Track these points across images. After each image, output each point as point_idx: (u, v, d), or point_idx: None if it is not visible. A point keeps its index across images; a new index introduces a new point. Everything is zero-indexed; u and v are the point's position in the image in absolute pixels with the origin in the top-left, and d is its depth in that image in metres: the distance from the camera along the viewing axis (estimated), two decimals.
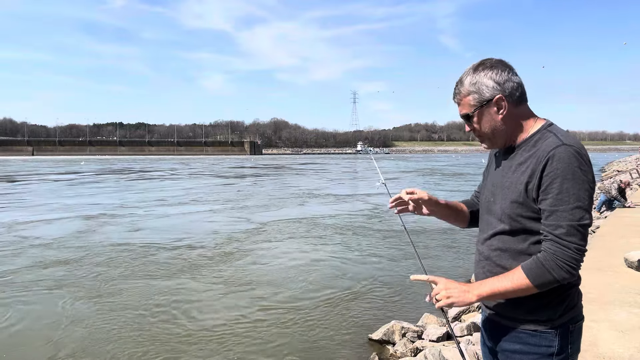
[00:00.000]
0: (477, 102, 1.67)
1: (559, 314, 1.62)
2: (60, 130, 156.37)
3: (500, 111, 1.65)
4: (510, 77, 1.64)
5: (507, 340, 1.71)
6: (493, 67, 1.65)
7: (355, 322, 6.07)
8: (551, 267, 1.51)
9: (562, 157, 1.51)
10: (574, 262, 1.51)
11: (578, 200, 1.49)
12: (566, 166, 1.50)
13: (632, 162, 41.14)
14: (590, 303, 4.85)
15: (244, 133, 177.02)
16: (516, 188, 1.62)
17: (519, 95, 1.66)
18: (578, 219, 1.50)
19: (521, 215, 1.62)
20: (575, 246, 1.50)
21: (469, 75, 1.68)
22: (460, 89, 1.71)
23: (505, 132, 1.68)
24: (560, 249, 1.51)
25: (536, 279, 1.53)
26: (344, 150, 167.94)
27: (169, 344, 5.42)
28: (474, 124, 1.71)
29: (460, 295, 1.62)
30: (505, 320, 1.71)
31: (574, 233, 1.50)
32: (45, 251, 10.06)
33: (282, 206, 18.15)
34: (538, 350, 1.63)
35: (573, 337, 1.65)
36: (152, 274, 8.29)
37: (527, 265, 1.55)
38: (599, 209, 13.16)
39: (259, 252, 10.10)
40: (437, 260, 9.36)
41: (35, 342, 5.54)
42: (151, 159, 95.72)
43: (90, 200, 19.75)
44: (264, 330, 5.83)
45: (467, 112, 1.70)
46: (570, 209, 1.50)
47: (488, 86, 1.64)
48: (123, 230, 12.69)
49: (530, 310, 1.64)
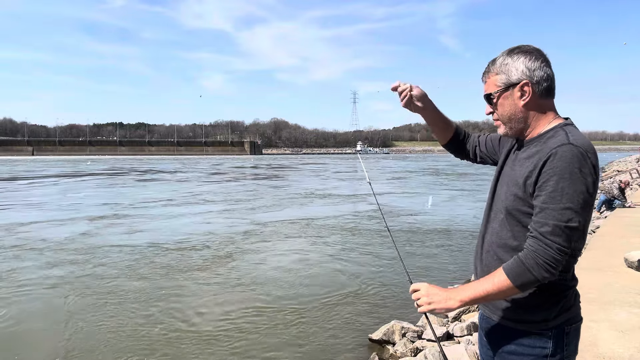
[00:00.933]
0: (503, 83, 1.64)
1: (554, 315, 1.61)
2: (60, 130, 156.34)
3: (523, 97, 1.62)
4: (541, 67, 1.61)
5: (502, 341, 1.70)
6: (527, 53, 1.62)
7: (355, 322, 6.07)
8: (531, 266, 1.48)
9: (564, 155, 1.48)
10: (554, 261, 1.47)
11: (570, 201, 1.46)
12: (566, 165, 1.47)
13: (632, 162, 41.14)
14: (590, 303, 4.86)
15: (244, 133, 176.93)
16: (517, 182, 1.61)
17: (546, 87, 1.62)
18: (566, 220, 1.46)
19: (519, 210, 1.60)
20: (557, 246, 1.46)
21: (503, 56, 1.65)
22: (490, 68, 1.68)
23: (523, 121, 1.66)
24: (541, 247, 1.48)
25: (517, 279, 1.50)
26: (344, 150, 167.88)
27: (169, 344, 5.42)
28: (495, 105, 1.69)
29: (441, 302, 1.60)
30: (501, 320, 1.70)
31: (559, 233, 1.46)
32: (55, 250, 10.06)
33: (283, 206, 18.14)
34: (532, 352, 1.62)
35: (569, 338, 1.63)
36: (154, 274, 8.29)
37: (508, 265, 1.53)
38: (599, 209, 13.16)
39: (259, 252, 10.10)
40: (434, 258, 9.36)
41: (35, 342, 5.55)
42: (155, 159, 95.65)
43: (108, 200, 19.75)
44: (264, 330, 5.83)
45: (491, 92, 1.68)
46: (560, 208, 1.46)
47: (517, 69, 1.61)
48: (131, 230, 12.69)
49: (525, 311, 1.63)
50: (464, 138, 2.08)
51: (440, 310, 1.61)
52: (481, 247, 1.79)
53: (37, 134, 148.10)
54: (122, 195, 22.18)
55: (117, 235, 11.96)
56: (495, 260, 1.69)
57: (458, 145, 2.09)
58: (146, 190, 25.14)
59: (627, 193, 16.96)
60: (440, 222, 14.06)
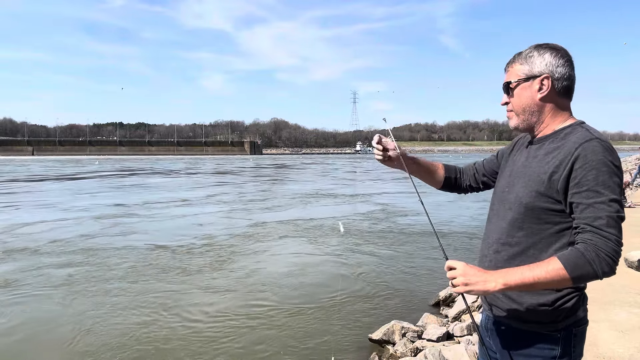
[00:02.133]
0: (525, 74, 1.65)
1: (562, 316, 1.59)
2: (60, 130, 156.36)
3: (541, 90, 1.63)
4: (565, 65, 1.63)
5: (510, 342, 1.68)
6: (554, 50, 1.65)
7: (355, 322, 6.07)
8: (592, 259, 1.43)
9: (596, 150, 1.49)
10: (615, 254, 1.45)
11: (614, 193, 1.47)
12: (600, 159, 1.48)
13: (632, 162, 41.14)
14: (590, 303, 4.82)
15: (244, 133, 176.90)
16: (539, 178, 1.58)
17: (566, 86, 1.64)
18: (616, 211, 1.47)
19: (540, 207, 1.58)
20: (615, 237, 1.45)
21: (530, 48, 1.68)
22: (516, 58, 1.70)
23: (537, 114, 1.66)
24: (602, 240, 1.45)
25: (574, 270, 1.43)
26: (344, 150, 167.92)
27: (168, 344, 5.42)
28: (512, 95, 1.69)
29: (479, 283, 1.50)
30: (508, 321, 1.68)
31: (614, 225, 1.46)
32: (58, 251, 10.07)
33: (286, 206, 18.15)
34: (540, 354, 1.61)
35: (576, 341, 1.62)
36: (156, 273, 8.29)
37: (565, 255, 1.46)
38: None
39: (259, 252, 10.10)
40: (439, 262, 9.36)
41: (37, 343, 5.55)
42: (160, 159, 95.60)
43: (125, 200, 19.77)
44: (264, 330, 5.83)
45: (511, 80, 1.68)
46: (608, 200, 1.46)
47: (541, 63, 1.63)
48: (138, 230, 12.70)
49: (534, 312, 1.61)
50: (457, 175, 2.08)
51: (477, 292, 1.51)
52: (488, 247, 1.76)
53: (37, 134, 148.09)
54: (157, 194, 22.20)
55: (131, 235, 11.96)
56: (506, 261, 1.66)
57: (453, 185, 2.09)
58: (173, 190, 25.15)
59: (627, 193, 16.98)
60: (463, 225, 14.06)
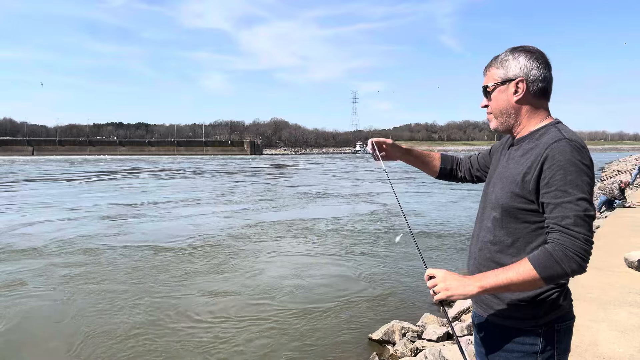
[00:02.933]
0: (500, 77, 1.69)
1: (543, 312, 1.61)
2: (60, 130, 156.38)
3: (517, 93, 1.67)
4: (539, 67, 1.65)
5: (493, 338, 1.71)
6: (529, 52, 1.67)
7: (355, 322, 6.07)
8: (560, 258, 1.46)
9: (564, 149, 1.51)
10: (584, 252, 1.47)
11: (582, 191, 1.48)
12: (568, 158, 1.50)
13: (632, 162, 41.13)
14: (590, 303, 4.86)
15: (244, 133, 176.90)
16: (514, 179, 1.62)
17: (541, 88, 1.66)
18: (583, 209, 1.48)
19: (516, 207, 1.62)
20: (583, 236, 1.47)
21: (506, 52, 1.71)
22: (492, 62, 1.74)
23: (514, 117, 1.70)
24: (569, 239, 1.47)
25: (544, 271, 1.46)
26: (343, 150, 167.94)
27: (168, 344, 5.42)
28: (490, 99, 1.74)
29: (459, 287, 1.56)
30: (491, 318, 1.71)
31: (581, 224, 1.47)
32: (58, 251, 10.07)
33: (288, 206, 18.15)
34: (522, 349, 1.63)
35: (560, 336, 1.63)
36: (159, 274, 8.29)
37: (535, 257, 1.49)
38: (599, 209, 13.17)
39: (261, 253, 10.10)
40: (444, 262, 9.36)
41: (37, 343, 5.55)
42: (161, 158, 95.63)
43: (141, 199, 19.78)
44: (264, 330, 5.83)
45: (488, 84, 1.73)
46: (575, 199, 1.48)
47: (516, 66, 1.66)
48: (144, 230, 12.71)
49: (514, 307, 1.64)
50: (453, 166, 2.17)
51: (458, 296, 1.56)
52: (474, 246, 1.81)
53: (37, 134, 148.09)
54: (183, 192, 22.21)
55: (137, 234, 11.96)
56: (488, 259, 1.70)
57: (449, 175, 2.18)
58: (184, 191, 25.15)
59: (627, 193, 16.97)
60: (434, 224, 14.06)
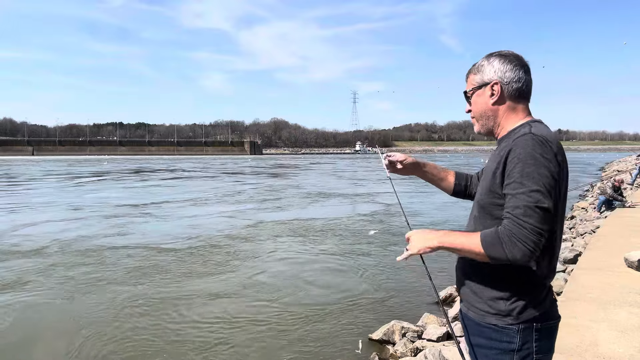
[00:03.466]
0: (477, 82, 1.77)
1: (519, 309, 1.61)
2: (60, 130, 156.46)
3: (492, 96, 1.73)
4: (514, 69, 1.71)
5: (474, 333, 1.72)
6: (502, 57, 1.74)
7: (355, 322, 6.07)
8: (504, 241, 1.50)
9: (526, 143, 1.55)
10: (529, 242, 1.48)
11: (537, 184, 1.51)
12: (528, 152, 1.53)
13: (631, 162, 41.13)
14: (590, 303, 4.86)
15: (244, 133, 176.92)
16: (488, 176, 1.69)
17: (517, 89, 1.72)
18: (535, 201, 1.50)
19: (491, 203, 1.67)
20: (531, 226, 1.48)
21: (483, 58, 1.79)
22: (471, 69, 1.82)
23: (493, 119, 1.76)
24: (516, 227, 1.50)
25: (487, 248, 1.53)
26: (343, 150, 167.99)
27: (168, 345, 5.42)
28: (471, 103, 1.82)
29: (422, 240, 1.67)
30: (472, 314, 1.73)
31: (531, 214, 1.49)
32: (55, 252, 10.07)
33: (283, 207, 18.16)
34: (499, 346, 1.64)
35: (540, 335, 1.62)
36: (157, 273, 8.29)
37: (485, 233, 1.57)
38: (599, 209, 13.17)
39: (260, 252, 10.10)
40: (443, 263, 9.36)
41: (37, 343, 5.56)
42: (162, 158, 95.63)
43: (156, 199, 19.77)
44: (264, 330, 5.84)
45: (467, 89, 1.82)
46: (528, 191, 1.51)
47: (490, 70, 1.73)
48: (150, 230, 12.71)
49: (492, 303, 1.65)
50: (467, 182, 2.17)
51: (422, 249, 1.66)
52: None
53: (37, 134, 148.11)
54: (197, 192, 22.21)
55: (141, 234, 11.96)
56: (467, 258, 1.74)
57: (463, 193, 2.18)
58: (188, 191, 25.15)
59: (627, 193, 16.97)
60: (434, 223, 14.07)
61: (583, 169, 43.77)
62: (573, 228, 11.58)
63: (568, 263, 7.39)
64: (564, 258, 7.50)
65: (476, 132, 1.85)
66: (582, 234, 10.26)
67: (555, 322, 1.69)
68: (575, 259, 7.32)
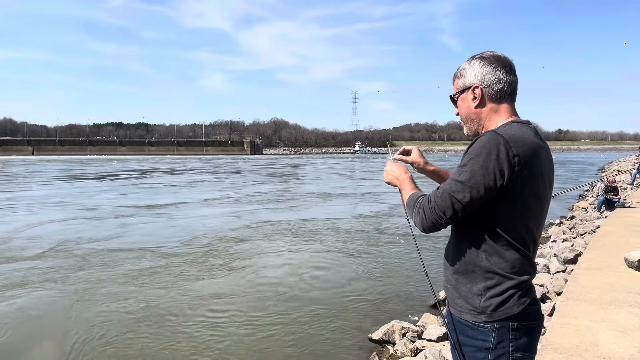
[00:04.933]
0: (460, 87, 1.81)
1: (493, 307, 1.61)
2: (60, 130, 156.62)
3: (474, 99, 1.76)
4: (494, 72, 1.72)
5: (453, 331, 1.74)
6: (483, 59, 1.75)
7: (355, 322, 6.07)
8: (416, 207, 1.70)
9: (481, 139, 1.59)
10: (430, 216, 1.64)
11: (465, 177, 1.57)
12: (478, 147, 1.58)
13: (631, 162, 41.11)
14: (590, 303, 4.86)
15: (244, 133, 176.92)
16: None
17: (498, 91, 1.73)
18: (453, 190, 1.59)
19: None
20: (436, 206, 1.62)
21: (466, 61, 1.81)
22: (456, 73, 1.85)
23: (477, 121, 1.79)
24: (427, 202, 1.66)
25: (408, 202, 1.77)
26: (342, 150, 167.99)
27: (167, 345, 5.42)
28: (458, 107, 1.85)
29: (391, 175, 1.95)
30: (453, 311, 1.75)
31: (443, 197, 1.60)
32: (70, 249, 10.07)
33: (283, 207, 18.16)
34: (474, 343, 1.65)
35: (517, 335, 1.61)
36: (161, 273, 8.29)
37: (414, 194, 1.78)
38: (598, 209, 13.18)
39: (261, 253, 10.10)
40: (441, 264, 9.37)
41: (38, 343, 5.56)
42: (163, 158, 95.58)
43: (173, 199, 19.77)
44: (265, 330, 5.83)
45: (452, 94, 1.86)
46: (455, 180, 1.60)
47: (471, 74, 1.76)
48: (155, 231, 12.71)
49: (468, 300, 1.67)
50: None
51: (388, 181, 1.96)
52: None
53: (37, 134, 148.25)
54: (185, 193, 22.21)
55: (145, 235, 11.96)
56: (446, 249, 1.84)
57: None
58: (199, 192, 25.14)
59: (627, 193, 16.97)
60: None
61: (583, 169, 43.76)
62: (573, 228, 11.58)
63: (568, 263, 7.38)
64: (564, 258, 7.50)
65: (465, 134, 1.88)
66: (582, 234, 10.26)
67: (536, 323, 1.67)
68: (575, 259, 7.32)
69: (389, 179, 1.95)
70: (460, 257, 1.70)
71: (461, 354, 1.70)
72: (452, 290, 1.74)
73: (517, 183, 1.56)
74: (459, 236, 1.73)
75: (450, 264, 1.76)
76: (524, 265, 1.65)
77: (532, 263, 1.68)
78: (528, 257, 1.66)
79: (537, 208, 1.65)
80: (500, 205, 1.59)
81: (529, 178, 1.59)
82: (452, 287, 1.75)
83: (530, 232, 1.66)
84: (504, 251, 1.62)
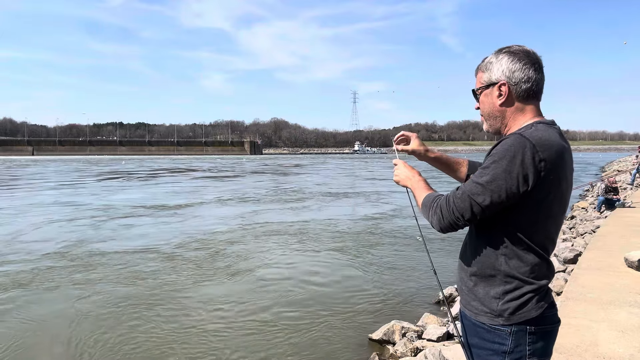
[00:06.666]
0: (485, 81, 1.72)
1: (511, 311, 1.58)
2: (60, 130, 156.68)
3: (500, 97, 1.68)
4: (523, 69, 1.63)
5: (469, 333, 1.71)
6: (512, 54, 1.66)
7: (355, 322, 6.07)
8: (433, 207, 1.66)
9: (506, 142, 1.53)
10: (447, 217, 1.60)
11: (487, 179, 1.52)
12: (503, 150, 1.52)
13: (631, 162, 41.10)
14: (590, 303, 4.86)
15: (244, 133, 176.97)
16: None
17: (526, 89, 1.65)
18: (473, 192, 1.54)
19: None
20: (455, 208, 1.58)
21: (492, 54, 1.72)
22: (480, 65, 1.76)
23: (500, 119, 1.71)
24: (445, 203, 1.61)
25: (422, 206, 1.74)
26: (342, 150, 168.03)
27: (167, 345, 5.42)
28: (479, 102, 1.77)
29: (402, 176, 1.92)
30: (468, 313, 1.71)
31: (462, 198, 1.56)
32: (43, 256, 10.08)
33: (284, 207, 18.15)
34: (491, 347, 1.62)
35: (534, 339, 1.59)
36: (161, 273, 8.30)
37: (430, 194, 1.74)
38: (598, 208, 13.17)
39: (261, 253, 10.09)
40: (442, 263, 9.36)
41: (39, 343, 5.56)
42: (163, 158, 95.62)
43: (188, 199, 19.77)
44: (264, 329, 5.83)
45: (475, 88, 1.77)
46: (476, 182, 1.55)
47: (498, 69, 1.67)
48: (159, 232, 12.72)
49: (485, 303, 1.63)
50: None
51: (399, 182, 1.94)
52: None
53: (37, 134, 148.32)
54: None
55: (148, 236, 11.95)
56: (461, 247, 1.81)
57: None
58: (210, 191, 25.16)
59: (627, 193, 16.96)
60: None
61: (583, 169, 43.76)
62: (573, 228, 11.58)
63: (568, 263, 7.39)
64: (564, 258, 7.50)
65: (485, 130, 1.81)
66: (582, 234, 10.26)
67: (553, 326, 1.64)
68: (575, 259, 7.32)
69: (399, 178, 1.93)
70: (478, 259, 1.65)
71: (474, 356, 1.67)
72: (468, 293, 1.70)
73: (542, 189, 1.51)
74: (477, 238, 1.68)
75: (467, 265, 1.71)
76: (543, 269, 1.61)
77: (550, 266, 1.64)
78: (547, 260, 1.62)
79: (559, 212, 1.62)
80: (523, 210, 1.55)
81: (554, 183, 1.54)
82: (467, 289, 1.70)
83: (550, 236, 1.62)
84: (524, 255, 1.58)
